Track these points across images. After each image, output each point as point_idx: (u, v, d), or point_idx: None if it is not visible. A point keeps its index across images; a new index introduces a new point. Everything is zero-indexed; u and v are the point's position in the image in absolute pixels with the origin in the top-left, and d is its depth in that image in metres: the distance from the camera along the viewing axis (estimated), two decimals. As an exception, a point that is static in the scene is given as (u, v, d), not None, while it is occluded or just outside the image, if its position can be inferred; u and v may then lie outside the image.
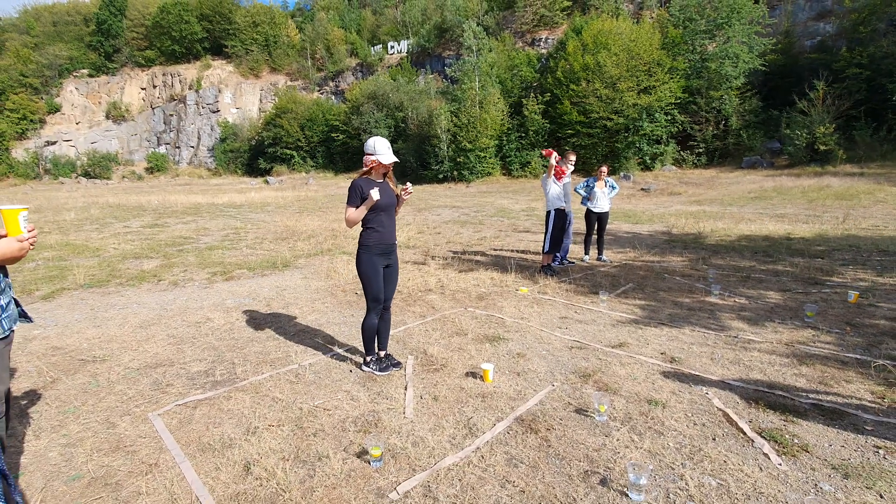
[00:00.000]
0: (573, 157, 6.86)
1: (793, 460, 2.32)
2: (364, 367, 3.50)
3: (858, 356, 3.50)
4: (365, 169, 3.26)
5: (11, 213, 1.70)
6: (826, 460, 2.31)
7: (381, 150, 3.20)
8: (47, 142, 47.93)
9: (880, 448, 2.40)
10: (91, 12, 55.15)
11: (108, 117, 51.24)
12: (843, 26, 24.14)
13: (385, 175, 3.35)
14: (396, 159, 3.29)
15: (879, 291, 5.23)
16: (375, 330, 3.45)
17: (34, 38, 52.76)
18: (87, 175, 45.96)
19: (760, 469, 2.25)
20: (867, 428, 2.57)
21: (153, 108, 51.92)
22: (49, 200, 22.81)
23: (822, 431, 2.55)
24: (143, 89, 52.85)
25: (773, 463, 2.29)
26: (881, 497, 2.06)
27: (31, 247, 1.81)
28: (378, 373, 3.44)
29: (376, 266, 3.32)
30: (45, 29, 54.59)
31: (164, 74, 52.21)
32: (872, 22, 22.35)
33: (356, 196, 3.19)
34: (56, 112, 49.69)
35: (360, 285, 5.99)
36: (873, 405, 2.81)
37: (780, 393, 2.98)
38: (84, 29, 54.95)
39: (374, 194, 3.10)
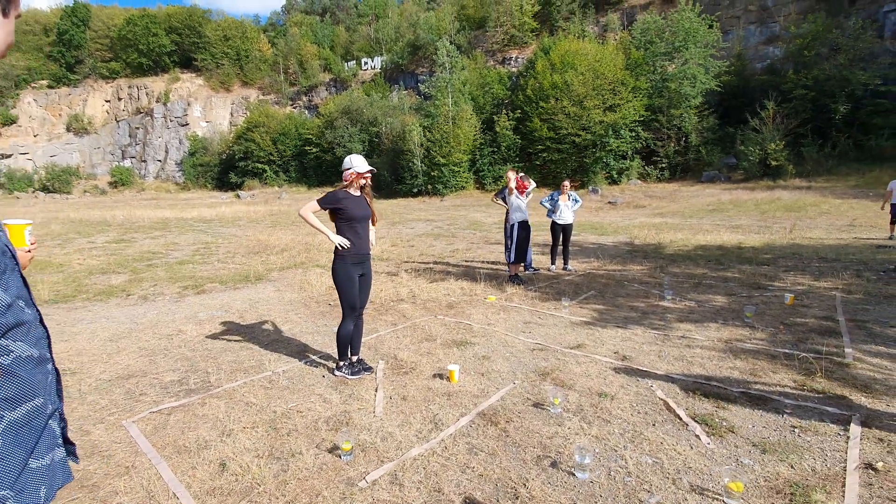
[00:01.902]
0: (511, 175, 7.01)
1: (720, 440, 2.61)
2: (336, 372, 3.66)
3: (786, 350, 3.88)
4: (345, 183, 3.49)
5: (18, 228, 1.95)
6: (748, 439, 2.62)
7: (356, 162, 3.45)
8: (2, 154, 46.02)
9: (796, 427, 2.73)
10: (51, 22, 53.58)
11: (68, 130, 49.65)
12: (790, 50, 25.85)
13: (363, 188, 3.56)
14: (373, 168, 3.52)
15: (814, 294, 5.73)
16: (350, 336, 3.63)
17: (-12, 48, 50.79)
18: (45, 189, 44.27)
19: (691, 448, 2.54)
20: (787, 411, 2.91)
21: (118, 121, 50.64)
22: (4, 216, 21.90)
23: (747, 415, 2.87)
24: (107, 101, 51.54)
25: (703, 442, 2.58)
26: (792, 468, 2.36)
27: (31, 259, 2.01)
28: (350, 377, 3.61)
29: (351, 275, 3.50)
30: (1, 38, 52.61)
31: (129, 87, 51.12)
32: (816, 47, 24.05)
33: (329, 200, 3.41)
34: (12, 124, 47.82)
35: (333, 296, 6.15)
36: (794, 392, 3.16)
37: (715, 383, 3.31)
38: (43, 39, 53.24)
39: (343, 245, 3.41)
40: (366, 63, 46.33)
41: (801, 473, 2.30)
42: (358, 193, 3.53)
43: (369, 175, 3.50)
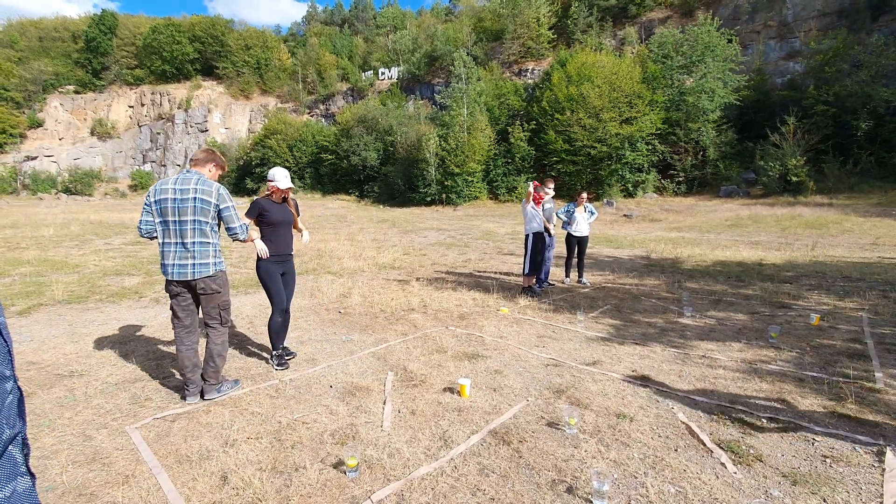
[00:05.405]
0: (552, 185, 7.18)
1: (747, 469, 2.45)
2: (271, 360, 4.02)
3: (815, 374, 3.69)
4: (268, 192, 3.89)
5: None
6: (778, 469, 2.45)
7: (278, 178, 3.83)
8: (27, 157, 47.32)
9: (828, 457, 2.55)
10: (80, 29, 55.32)
11: (92, 134, 50.93)
12: (811, 66, 25.50)
13: (284, 199, 3.97)
14: (292, 185, 3.95)
15: (840, 314, 5.49)
16: (280, 325, 3.95)
17: (18, 53, 52.48)
18: (67, 191, 45.31)
19: (717, 477, 2.38)
20: (817, 439, 2.73)
21: (140, 126, 51.83)
22: (27, 216, 22.43)
23: (776, 442, 2.70)
24: (130, 107, 52.83)
25: (729, 471, 2.42)
26: (824, 501, 2.20)
27: None
28: (277, 367, 3.93)
29: (272, 272, 3.86)
30: (31, 44, 54.42)
31: (152, 93, 52.36)
32: (837, 63, 23.69)
33: (254, 211, 3.82)
34: (38, 127, 49.22)
35: (344, 304, 6.09)
36: (824, 419, 2.98)
37: (741, 407, 3.13)
38: (72, 45, 54.94)
39: (263, 254, 3.76)
40: (383, 73, 46.86)
41: (839, 510, 2.13)
42: (280, 202, 3.91)
43: (288, 191, 3.93)
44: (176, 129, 50.12)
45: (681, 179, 25.80)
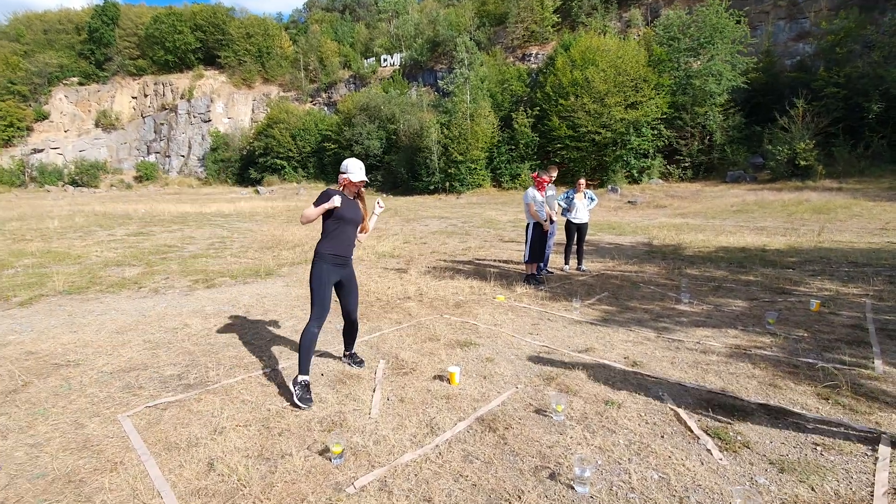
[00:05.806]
0: (555, 172, 7.11)
1: (734, 456, 2.43)
2: (293, 386, 3.19)
3: (810, 360, 3.65)
4: (340, 186, 3.49)
5: None
6: (765, 456, 2.43)
7: (352, 169, 3.40)
8: (34, 149, 47.57)
9: (818, 445, 2.53)
10: (83, 21, 55.13)
11: (97, 125, 51.02)
12: (821, 47, 24.88)
13: (357, 195, 3.52)
14: (366, 179, 3.46)
15: (842, 300, 5.42)
16: (314, 343, 3.27)
17: (24, 46, 52.51)
18: (74, 183, 45.60)
19: (702, 463, 2.37)
20: (808, 427, 2.70)
21: (144, 117, 51.83)
22: (33, 208, 22.62)
23: (765, 429, 2.68)
24: (133, 98, 52.79)
25: (715, 458, 2.40)
26: (812, 490, 2.18)
27: None
28: (299, 401, 3.06)
29: (325, 275, 3.35)
30: (36, 37, 54.38)
31: (155, 84, 52.25)
32: (848, 44, 23.11)
33: (322, 200, 3.32)
34: (44, 119, 49.38)
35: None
36: (817, 406, 2.95)
37: (731, 394, 3.11)
38: (75, 37, 54.83)
39: (336, 201, 3.26)
40: (385, 60, 46.37)
41: (823, 497, 2.11)
42: (351, 197, 3.49)
43: (361, 184, 3.44)
44: (179, 119, 50.09)
45: (687, 165, 25.46)
